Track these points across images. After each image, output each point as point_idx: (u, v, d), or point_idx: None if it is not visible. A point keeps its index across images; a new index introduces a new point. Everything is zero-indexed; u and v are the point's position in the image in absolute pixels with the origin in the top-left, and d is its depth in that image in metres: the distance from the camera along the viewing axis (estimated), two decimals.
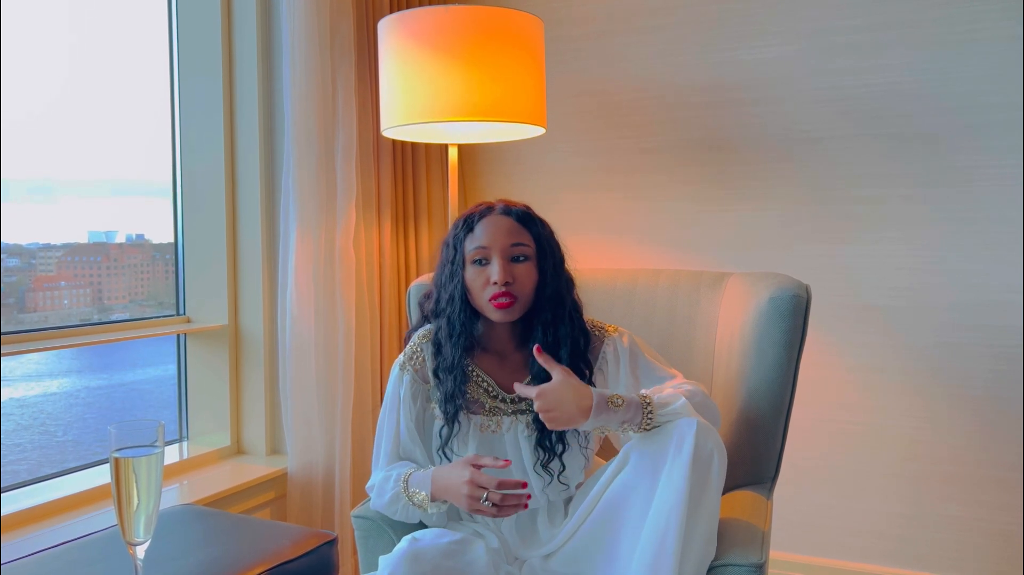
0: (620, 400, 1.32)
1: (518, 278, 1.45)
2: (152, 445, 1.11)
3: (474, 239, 1.47)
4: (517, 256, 1.46)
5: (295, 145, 2.13)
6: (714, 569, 1.34)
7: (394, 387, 1.54)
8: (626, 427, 1.33)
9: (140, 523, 1.10)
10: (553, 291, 1.48)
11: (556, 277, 1.50)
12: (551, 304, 1.48)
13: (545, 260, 1.48)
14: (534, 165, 2.66)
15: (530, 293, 1.47)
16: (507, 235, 1.46)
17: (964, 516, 2.23)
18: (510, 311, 1.45)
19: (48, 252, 2.17)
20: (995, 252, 2.17)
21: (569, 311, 1.50)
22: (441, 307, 1.51)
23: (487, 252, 1.45)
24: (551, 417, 1.31)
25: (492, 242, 1.45)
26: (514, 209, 1.50)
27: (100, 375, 2.42)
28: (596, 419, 1.32)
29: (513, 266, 1.45)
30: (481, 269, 1.46)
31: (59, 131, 2.11)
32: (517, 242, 1.46)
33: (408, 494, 1.45)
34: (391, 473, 1.49)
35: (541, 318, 1.48)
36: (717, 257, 2.43)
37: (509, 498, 1.33)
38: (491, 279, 1.44)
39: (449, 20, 1.87)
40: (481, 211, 1.50)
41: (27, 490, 1.96)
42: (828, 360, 2.34)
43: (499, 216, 1.48)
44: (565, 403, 1.31)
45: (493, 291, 1.44)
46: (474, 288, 1.46)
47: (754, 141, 2.39)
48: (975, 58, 2.16)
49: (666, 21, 2.46)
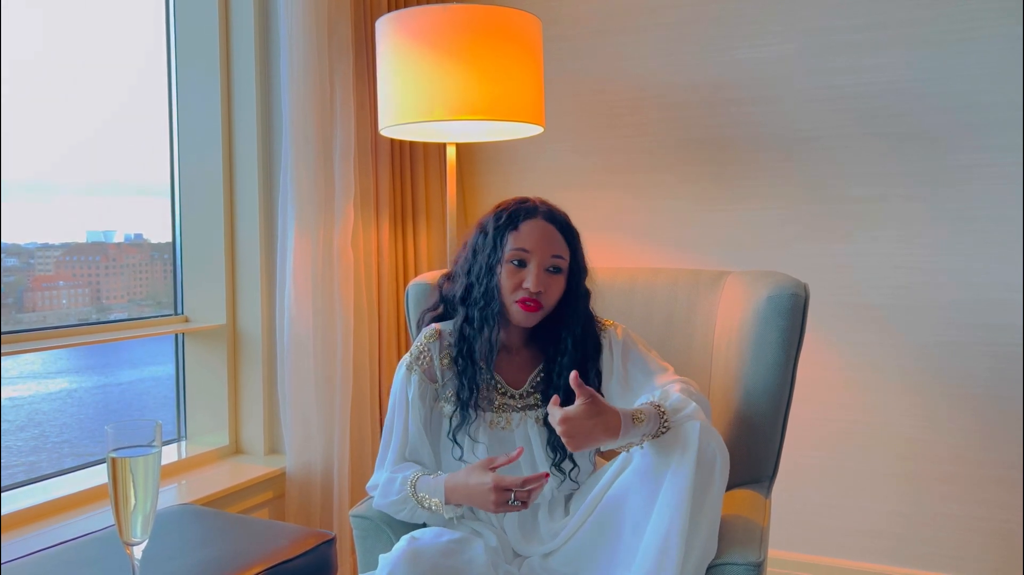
0: (643, 415, 1.32)
1: (548, 288, 1.48)
2: (150, 445, 1.11)
3: (518, 238, 1.48)
4: (554, 267, 1.49)
5: (293, 144, 2.13)
6: (713, 568, 1.34)
7: (402, 387, 1.54)
8: (645, 438, 1.34)
9: (137, 523, 1.10)
10: (584, 307, 1.53)
11: (585, 294, 1.55)
12: (581, 320, 1.53)
13: (578, 277, 1.53)
14: (532, 164, 2.66)
15: (554, 303, 1.50)
16: (550, 245, 1.48)
17: (963, 515, 2.23)
18: (534, 317, 1.49)
19: (46, 252, 2.17)
20: (994, 251, 2.17)
21: (583, 323, 1.54)
22: (474, 298, 1.51)
23: (527, 256, 1.47)
24: (573, 443, 1.29)
25: (535, 247, 1.47)
26: (559, 217, 1.52)
27: (98, 375, 2.42)
28: (623, 439, 1.31)
29: (547, 276, 1.48)
30: (516, 270, 1.47)
31: (57, 130, 2.10)
32: (557, 254, 1.49)
33: (417, 498, 1.45)
34: (396, 475, 1.49)
35: (572, 332, 1.52)
36: (716, 256, 2.43)
37: (535, 489, 1.35)
38: (524, 283, 1.46)
39: (447, 19, 1.87)
40: (526, 209, 1.51)
41: (25, 490, 1.96)
42: (827, 359, 2.34)
43: (543, 221, 1.50)
44: (589, 430, 1.29)
45: (523, 295, 1.46)
46: (504, 285, 1.48)
47: (753, 140, 2.39)
48: (973, 57, 2.16)
49: (665, 20, 2.46)
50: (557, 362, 1.52)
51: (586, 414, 1.28)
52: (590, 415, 1.28)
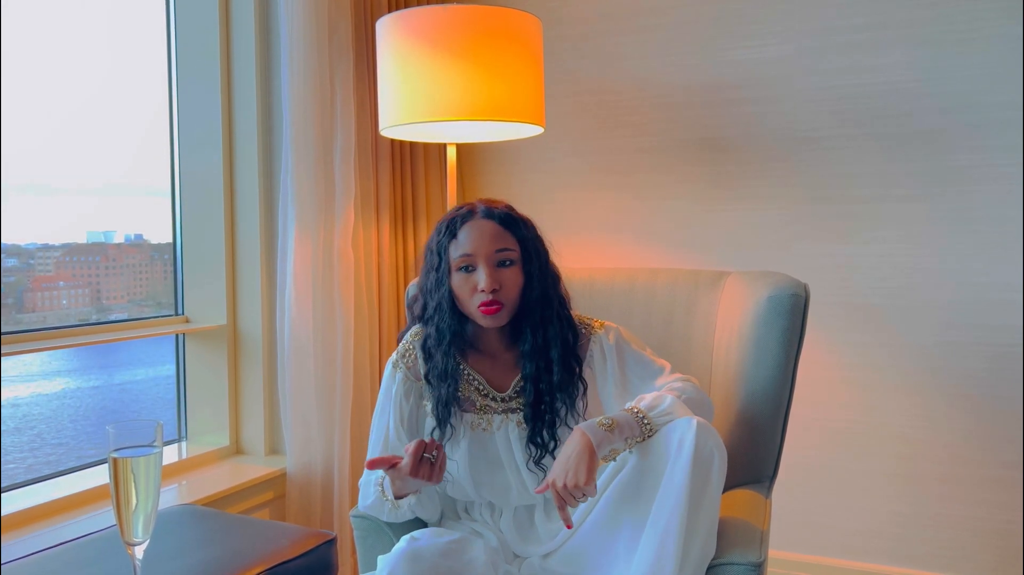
0: (609, 420, 1.32)
1: (504, 283, 1.44)
2: (151, 445, 1.11)
3: (458, 246, 1.46)
4: (503, 261, 1.45)
5: (293, 145, 2.13)
6: (713, 568, 1.34)
7: (387, 385, 1.55)
8: (630, 442, 1.34)
9: (139, 523, 1.10)
10: (540, 292, 1.48)
11: (543, 278, 1.49)
12: (539, 305, 1.48)
13: (531, 263, 1.48)
14: (532, 164, 2.66)
15: (516, 297, 1.47)
16: (491, 241, 1.45)
17: (962, 515, 2.24)
18: (498, 317, 1.45)
19: (46, 252, 2.17)
20: (993, 251, 2.17)
21: (557, 309, 1.50)
22: (429, 314, 1.50)
23: (472, 259, 1.44)
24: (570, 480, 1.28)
25: (477, 248, 1.44)
26: (496, 211, 1.48)
27: (98, 375, 2.42)
28: (601, 448, 1.31)
29: (499, 271, 1.45)
30: (468, 276, 1.45)
31: (57, 131, 2.11)
32: (502, 247, 1.45)
33: (386, 497, 1.47)
34: (371, 478, 1.51)
35: (530, 320, 1.48)
36: (716, 256, 2.43)
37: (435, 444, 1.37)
38: (478, 286, 1.43)
39: (448, 19, 1.87)
40: (463, 215, 1.48)
41: (25, 490, 1.96)
42: (827, 359, 2.34)
43: (482, 220, 1.46)
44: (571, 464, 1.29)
45: (481, 298, 1.43)
46: (462, 295, 1.46)
47: (752, 140, 2.39)
48: (973, 57, 2.16)
49: (664, 21, 2.46)
50: (522, 353, 1.49)
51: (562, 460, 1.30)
52: (565, 456, 1.30)
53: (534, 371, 1.47)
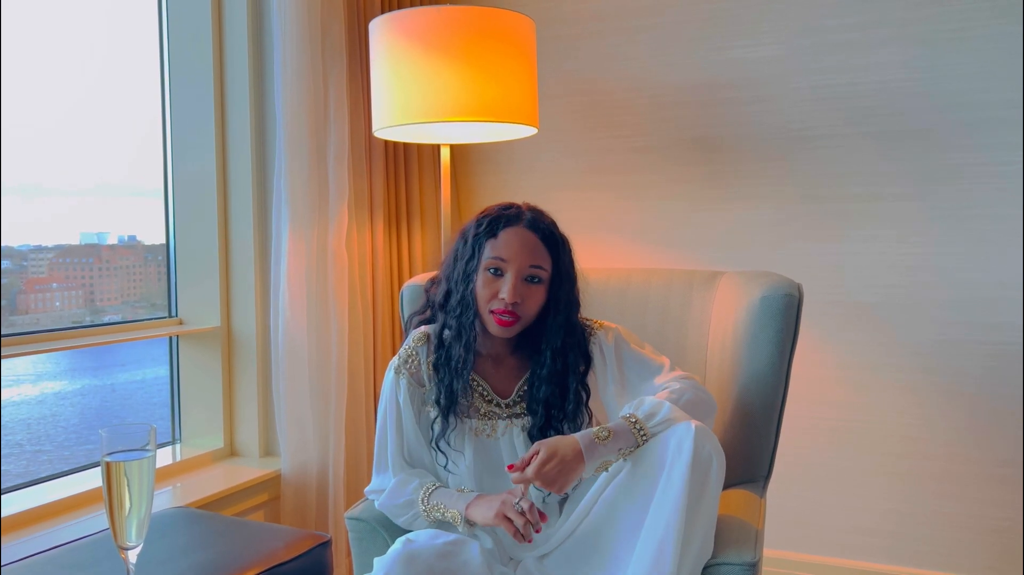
0: (606, 432, 1.33)
1: (526, 299, 1.44)
2: (144, 449, 1.11)
3: (495, 246, 1.45)
4: (532, 277, 1.45)
5: (287, 146, 2.12)
6: (708, 568, 1.34)
7: (391, 392, 1.54)
8: (624, 452, 1.34)
9: (132, 527, 1.10)
10: (565, 319, 1.48)
11: (568, 304, 1.49)
12: (563, 331, 1.48)
13: (560, 288, 1.47)
14: (526, 165, 2.66)
15: (533, 314, 1.47)
16: (529, 254, 1.44)
17: (959, 513, 2.24)
18: (510, 329, 1.45)
19: (39, 254, 2.16)
20: (989, 249, 2.18)
21: (578, 338, 1.50)
22: (451, 306, 1.50)
23: (504, 265, 1.44)
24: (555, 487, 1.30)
25: (512, 256, 1.43)
26: (541, 225, 1.47)
27: (92, 377, 2.41)
28: (592, 459, 1.32)
29: (525, 286, 1.44)
30: (493, 279, 1.44)
31: (50, 131, 2.10)
32: (536, 263, 1.44)
33: (428, 506, 1.45)
34: (412, 479, 1.50)
35: (550, 344, 1.48)
36: (710, 256, 2.43)
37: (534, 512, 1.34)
38: (500, 294, 1.43)
39: (440, 20, 1.87)
40: (508, 216, 1.47)
41: (21, 493, 1.95)
42: (821, 358, 2.34)
43: (524, 229, 1.45)
44: (558, 470, 1.29)
45: (498, 306, 1.43)
46: (480, 294, 1.46)
47: (747, 140, 2.39)
48: (967, 55, 2.16)
49: (658, 20, 2.46)
50: (536, 374, 1.49)
51: (544, 460, 1.30)
52: (548, 459, 1.30)
53: (548, 395, 1.47)
